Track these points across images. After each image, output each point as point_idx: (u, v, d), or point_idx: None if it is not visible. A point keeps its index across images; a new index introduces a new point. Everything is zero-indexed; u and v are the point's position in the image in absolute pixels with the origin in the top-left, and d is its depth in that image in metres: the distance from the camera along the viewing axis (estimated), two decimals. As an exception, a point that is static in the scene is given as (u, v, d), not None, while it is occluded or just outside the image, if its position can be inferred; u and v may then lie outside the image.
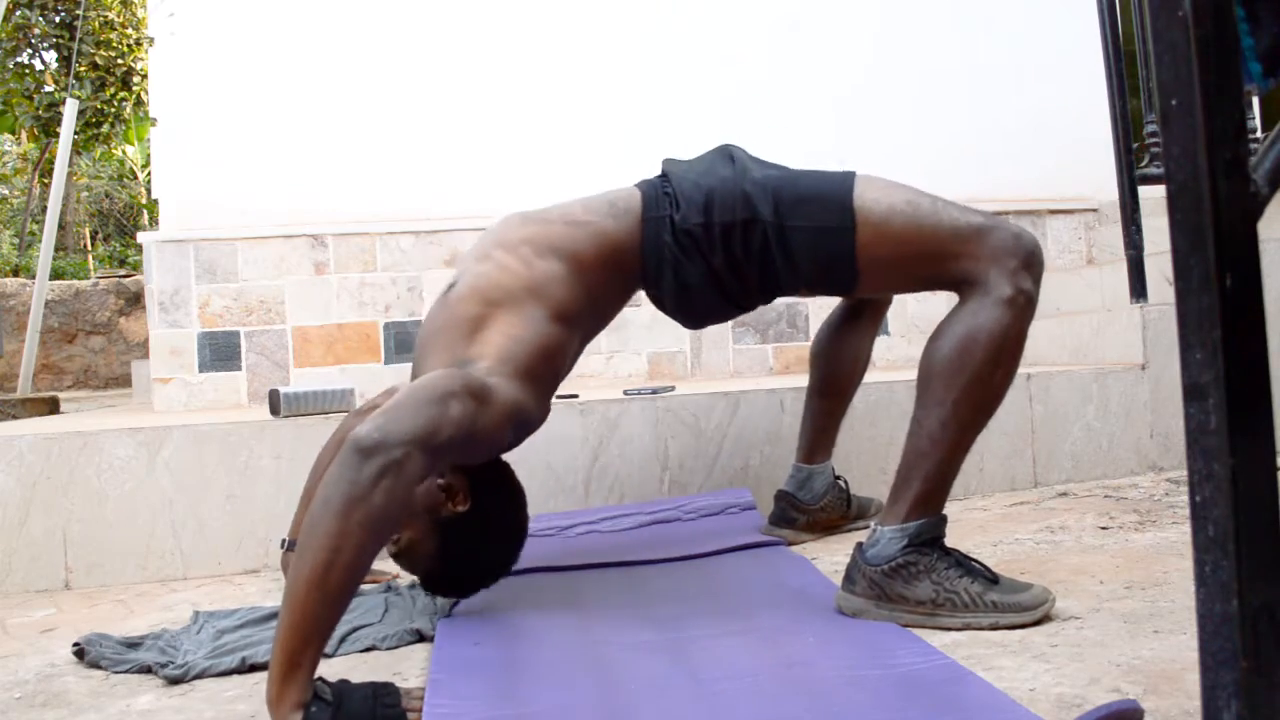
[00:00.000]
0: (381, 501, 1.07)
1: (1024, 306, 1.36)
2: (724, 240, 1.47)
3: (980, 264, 1.38)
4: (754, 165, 1.54)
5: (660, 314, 1.62)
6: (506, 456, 1.49)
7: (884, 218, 1.43)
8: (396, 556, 1.45)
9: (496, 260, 1.47)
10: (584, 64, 3.30)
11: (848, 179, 1.47)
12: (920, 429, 1.37)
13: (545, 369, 1.39)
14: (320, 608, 1.04)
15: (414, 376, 1.49)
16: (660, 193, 1.53)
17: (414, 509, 1.39)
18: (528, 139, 3.25)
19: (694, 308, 1.57)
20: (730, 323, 3.19)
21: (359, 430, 1.11)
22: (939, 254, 1.41)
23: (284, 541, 1.78)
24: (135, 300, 7.36)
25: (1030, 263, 1.38)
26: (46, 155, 8.87)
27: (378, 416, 1.13)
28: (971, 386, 1.34)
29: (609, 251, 1.52)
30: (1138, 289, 2.00)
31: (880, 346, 3.25)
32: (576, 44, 3.32)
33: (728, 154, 1.58)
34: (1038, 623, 1.30)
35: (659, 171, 1.60)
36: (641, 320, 3.14)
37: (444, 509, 1.41)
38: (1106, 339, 2.57)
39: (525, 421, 1.35)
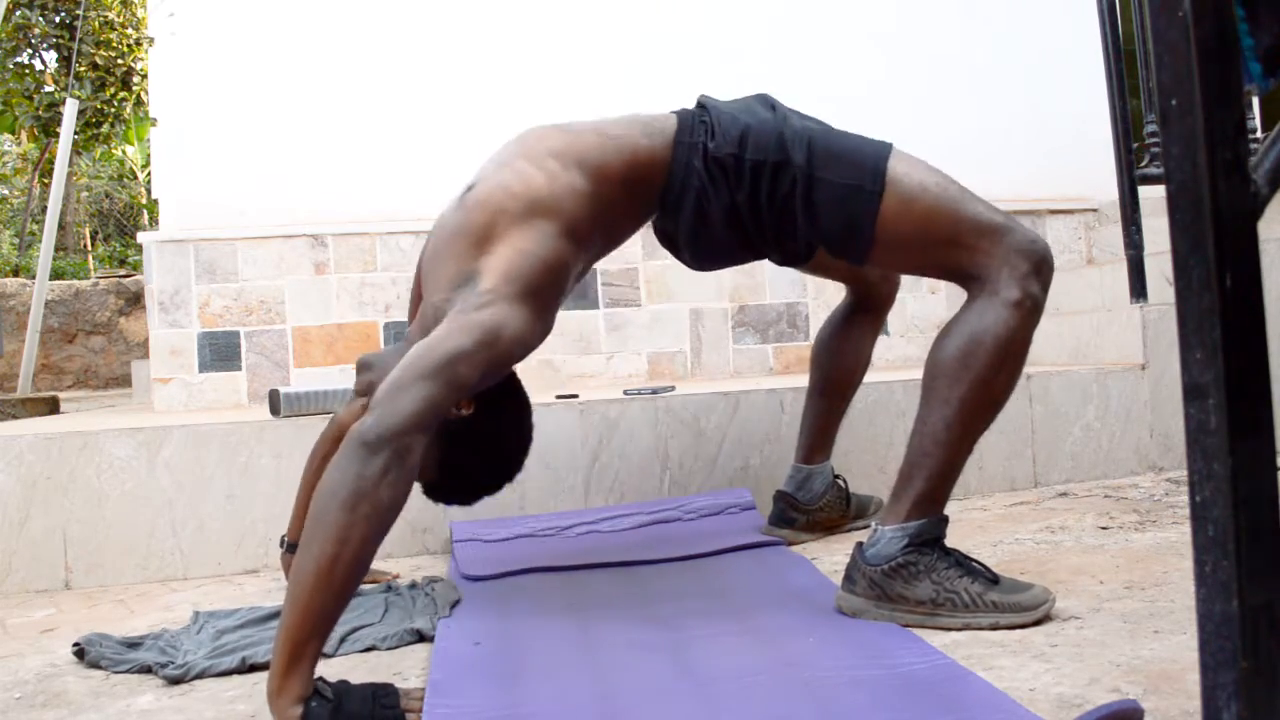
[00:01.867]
0: (389, 494, 1.09)
1: (1030, 311, 1.36)
2: (753, 177, 1.45)
3: (993, 261, 1.38)
4: (793, 114, 1.52)
5: (660, 314, 1.62)
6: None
7: (913, 193, 1.42)
8: None
9: (516, 169, 1.44)
10: (583, 61, 3.30)
11: (885, 147, 1.47)
12: (924, 428, 1.37)
13: (550, 287, 1.37)
14: (326, 600, 1.05)
15: (421, 279, 1.48)
16: (696, 120, 1.51)
17: None
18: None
19: (706, 242, 1.54)
20: (730, 323, 3.20)
21: (363, 423, 1.12)
22: (955, 242, 1.41)
23: (283, 541, 1.78)
24: (135, 300, 7.36)
25: (1040, 269, 1.38)
26: (46, 155, 8.87)
27: (378, 406, 1.14)
28: (975, 387, 1.34)
29: (637, 167, 1.48)
30: (1138, 289, 2.00)
31: (880, 346, 3.24)
32: (576, 42, 3.32)
33: (768, 100, 1.56)
34: (1038, 623, 1.30)
35: (696, 104, 1.57)
36: (641, 320, 3.14)
37: (448, 415, 1.39)
38: (1106, 339, 2.57)
39: (530, 344, 1.34)
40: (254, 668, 1.34)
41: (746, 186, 1.46)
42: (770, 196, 1.46)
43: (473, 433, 1.41)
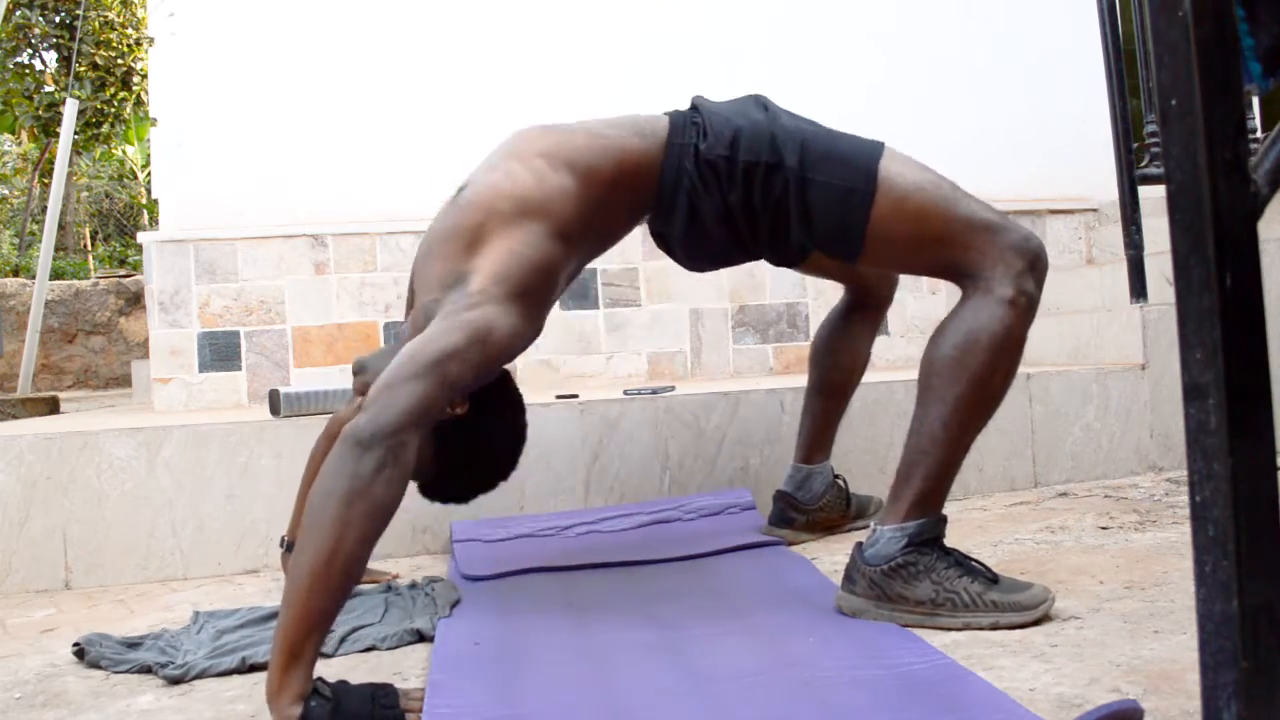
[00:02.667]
0: (383, 492, 1.09)
1: (1025, 308, 1.36)
2: (745, 179, 1.46)
3: (986, 259, 1.38)
4: (785, 115, 1.52)
5: (660, 314, 1.62)
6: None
7: (905, 192, 1.42)
8: None
9: (506, 170, 1.45)
10: (582, 60, 3.30)
11: (877, 147, 1.47)
12: (920, 428, 1.38)
13: (540, 286, 1.38)
14: (322, 598, 1.05)
15: (414, 281, 1.48)
16: (689, 122, 1.51)
17: None
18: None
19: (699, 243, 1.55)
20: (730, 322, 3.20)
21: (356, 422, 1.12)
22: (949, 240, 1.41)
23: (283, 540, 1.78)
24: (135, 300, 7.35)
25: (1035, 265, 1.38)
26: (46, 155, 8.87)
27: (371, 404, 1.14)
28: (972, 386, 1.35)
29: (627, 169, 1.48)
30: (1138, 289, 2.00)
31: (880, 346, 3.25)
32: (575, 41, 3.32)
33: (761, 101, 1.56)
34: (1037, 622, 1.30)
35: (689, 105, 1.57)
36: (641, 320, 3.14)
37: (442, 413, 1.40)
38: (1106, 339, 2.57)
39: (521, 344, 1.35)
40: (254, 668, 1.34)
41: (739, 188, 1.46)
42: (764, 198, 1.46)
43: (467, 431, 1.42)
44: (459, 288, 1.31)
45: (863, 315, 1.87)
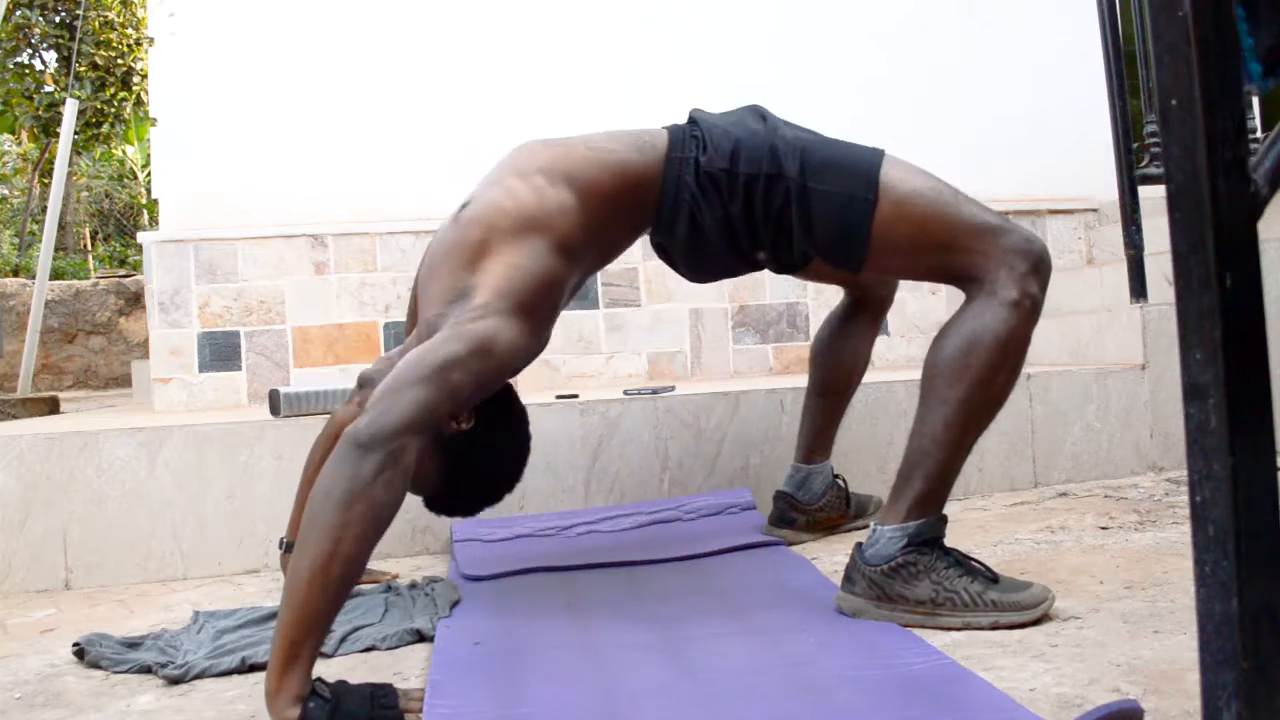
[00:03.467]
0: (383, 494, 1.09)
1: (1029, 311, 1.36)
2: (746, 190, 1.46)
3: (989, 262, 1.38)
4: (785, 125, 1.53)
5: (660, 314, 1.62)
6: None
7: (906, 198, 1.42)
8: None
9: (506, 186, 1.45)
10: (584, 60, 3.30)
11: (877, 154, 1.47)
12: (923, 428, 1.38)
13: (543, 301, 1.39)
14: (321, 599, 1.05)
15: (416, 294, 1.50)
16: (688, 135, 1.51)
17: None
18: (528, 138, 3.25)
19: (702, 255, 1.55)
20: (730, 323, 3.20)
21: (357, 425, 1.13)
22: (951, 245, 1.41)
23: (282, 542, 1.78)
24: (135, 300, 7.35)
25: (1039, 268, 1.38)
26: (46, 155, 8.87)
27: (373, 408, 1.15)
28: (975, 388, 1.35)
29: (628, 183, 1.49)
30: (1138, 289, 2.00)
31: (880, 346, 3.25)
32: (576, 42, 3.31)
33: (759, 112, 1.57)
34: (1037, 622, 1.30)
35: (687, 119, 1.58)
36: (641, 320, 3.14)
37: (447, 428, 1.40)
38: (1106, 339, 2.57)
39: (525, 357, 1.36)
40: (254, 668, 1.34)
41: (740, 200, 1.47)
42: (765, 209, 1.46)
43: (472, 446, 1.42)
44: (462, 302, 1.32)
45: (863, 317, 1.87)
